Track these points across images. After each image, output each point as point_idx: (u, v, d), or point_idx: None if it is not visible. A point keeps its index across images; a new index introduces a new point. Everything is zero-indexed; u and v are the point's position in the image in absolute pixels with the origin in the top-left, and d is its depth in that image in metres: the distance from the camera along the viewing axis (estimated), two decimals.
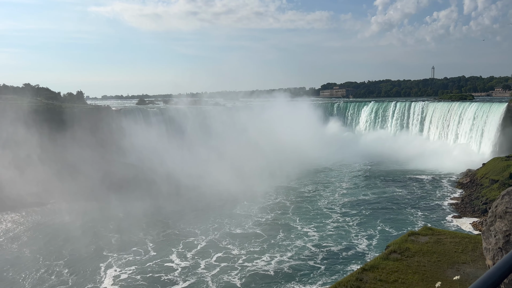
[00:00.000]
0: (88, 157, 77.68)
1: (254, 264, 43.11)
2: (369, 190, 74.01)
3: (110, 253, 47.32)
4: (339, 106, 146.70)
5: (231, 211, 61.75)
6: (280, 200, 68.12)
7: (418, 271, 21.60)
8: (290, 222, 56.33)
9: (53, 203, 66.69)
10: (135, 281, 40.38)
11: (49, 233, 53.95)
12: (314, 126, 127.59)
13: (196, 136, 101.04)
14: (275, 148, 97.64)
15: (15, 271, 42.79)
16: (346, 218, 57.84)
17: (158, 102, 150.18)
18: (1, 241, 51.18)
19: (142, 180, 74.86)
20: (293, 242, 49.04)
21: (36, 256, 46.76)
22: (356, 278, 20.80)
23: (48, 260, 45.60)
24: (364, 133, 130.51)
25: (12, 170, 68.55)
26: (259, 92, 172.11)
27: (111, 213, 61.77)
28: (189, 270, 42.10)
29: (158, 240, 51.04)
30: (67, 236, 52.61)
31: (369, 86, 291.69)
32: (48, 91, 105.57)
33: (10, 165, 69.54)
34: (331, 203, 65.81)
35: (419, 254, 23.58)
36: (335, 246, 47.67)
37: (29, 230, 54.95)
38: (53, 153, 74.71)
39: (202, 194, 69.23)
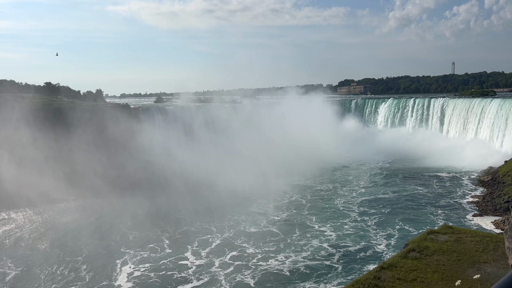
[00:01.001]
0: (106, 154, 78.78)
1: (268, 263, 42.51)
2: (388, 188, 72.58)
3: (127, 249, 47.57)
4: (356, 102, 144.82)
5: (246, 209, 61.35)
6: (296, 198, 67.29)
7: (437, 270, 21.25)
8: (306, 221, 55.47)
9: (73, 200, 67.75)
10: (148, 278, 40.32)
11: (69, 229, 54.53)
12: (331, 123, 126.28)
13: (212, 134, 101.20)
14: (291, 145, 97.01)
15: (34, 266, 43.26)
16: (364, 217, 56.62)
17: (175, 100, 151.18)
18: (21, 237, 52.13)
19: (159, 177, 75.33)
20: (309, 241, 48.17)
21: (56, 252, 47.38)
22: (374, 277, 20.58)
23: (68, 256, 46.11)
24: (382, 130, 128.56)
25: (31, 167, 70.00)
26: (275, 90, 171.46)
27: (129, 210, 62.13)
28: (203, 269, 41.81)
29: (174, 238, 51.14)
30: (86, 233, 53.11)
31: (388, 82, 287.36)
32: (68, 89, 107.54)
33: (30, 163, 71.04)
34: (349, 201, 64.64)
35: (438, 253, 23.19)
36: (352, 246, 46.62)
37: (49, 227, 55.70)
38: (71, 150, 75.92)
39: (219, 192, 68.95)
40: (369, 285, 19.71)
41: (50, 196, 67.41)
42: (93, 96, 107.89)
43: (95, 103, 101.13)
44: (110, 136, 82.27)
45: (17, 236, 52.22)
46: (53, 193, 68.24)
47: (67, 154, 74.79)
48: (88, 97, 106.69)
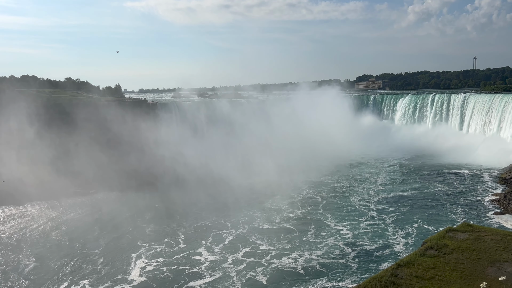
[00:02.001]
0: (123, 149, 79.43)
1: (281, 261, 41.83)
2: (407, 186, 70.80)
3: (143, 243, 47.70)
4: (375, 98, 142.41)
5: (262, 205, 60.77)
6: (311, 195, 66.18)
7: (456, 269, 20.75)
8: (322, 219, 54.39)
9: (92, 194, 68.56)
10: (161, 273, 40.23)
11: (87, 222, 55.04)
12: (348, 119, 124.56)
13: (228, 129, 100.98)
14: (307, 141, 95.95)
15: (53, 259, 43.72)
16: (382, 215, 55.18)
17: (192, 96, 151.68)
18: (41, 229, 52.74)
19: (176, 172, 75.66)
20: (324, 239, 47.15)
21: (74, 244, 47.88)
22: (391, 274, 20.18)
23: (85, 249, 46.54)
24: (401, 126, 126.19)
25: (51, 161, 71.09)
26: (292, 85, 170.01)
27: (147, 204, 62.58)
28: (216, 265, 41.45)
29: (190, 232, 51.06)
30: (104, 226, 53.56)
31: (407, 77, 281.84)
32: (88, 85, 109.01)
33: (49, 157, 72.10)
34: (366, 199, 63.18)
35: (457, 251, 22.66)
36: (369, 244, 45.42)
37: (68, 220, 56.30)
38: (90, 145, 76.71)
39: (234, 187, 68.69)
40: (385, 282, 19.41)
41: (70, 190, 68.36)
42: (112, 92, 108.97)
43: (114, 98, 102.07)
44: (127, 131, 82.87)
45: (37, 229, 52.96)
46: (72, 187, 69.18)
47: (85, 148, 75.60)
48: (107, 92, 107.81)
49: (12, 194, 61.94)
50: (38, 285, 38.38)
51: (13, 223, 54.77)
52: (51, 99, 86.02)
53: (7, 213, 58.73)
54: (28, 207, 61.09)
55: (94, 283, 38.38)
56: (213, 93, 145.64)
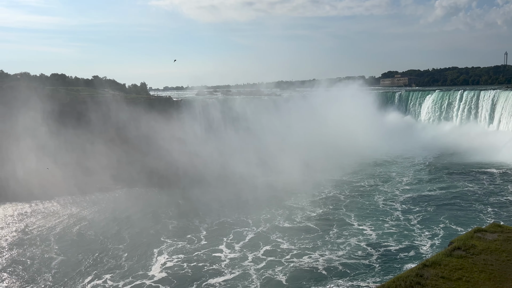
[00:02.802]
0: (148, 146, 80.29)
1: (301, 260, 40.99)
2: (434, 185, 68.28)
3: (166, 239, 47.92)
4: (400, 95, 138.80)
5: (283, 203, 59.94)
6: (334, 194, 64.70)
7: (484, 270, 19.91)
8: (344, 218, 53.02)
9: (119, 189, 69.52)
10: (181, 269, 40.18)
11: (114, 217, 55.76)
12: (372, 116, 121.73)
13: (251, 127, 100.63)
14: (331, 138, 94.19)
15: (79, 252, 44.42)
16: (408, 215, 53.26)
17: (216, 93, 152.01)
18: (69, 223, 53.77)
19: (198, 169, 75.90)
20: (347, 239, 45.85)
21: (100, 238, 48.57)
22: (416, 274, 19.50)
23: (111, 243, 47.12)
24: (427, 124, 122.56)
25: (79, 157, 72.63)
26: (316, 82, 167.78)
27: (171, 200, 62.89)
28: (236, 262, 41.05)
29: (211, 229, 50.92)
30: (130, 221, 54.20)
31: (434, 74, 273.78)
32: (114, 82, 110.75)
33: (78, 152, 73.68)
34: (391, 199, 61.18)
35: (486, 252, 21.75)
36: (393, 245, 43.86)
37: (96, 214, 57.16)
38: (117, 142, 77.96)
39: (257, 184, 68.30)
40: (411, 283, 18.82)
41: (98, 185, 69.63)
42: (137, 89, 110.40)
43: (139, 96, 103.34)
44: (151, 129, 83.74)
45: (64, 223, 54.01)
46: (101, 182, 70.40)
47: (109, 145, 76.78)
48: (133, 90, 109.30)
49: (39, 190, 63.27)
50: (63, 278, 39.00)
51: (40, 218, 56.03)
52: (78, 97, 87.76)
53: (34, 208, 60.09)
54: (54, 202, 62.39)
55: (116, 278, 38.67)
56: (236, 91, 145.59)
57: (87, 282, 38.10)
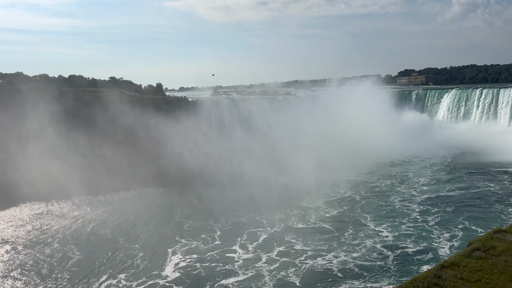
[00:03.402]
0: (164, 145, 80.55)
1: (316, 261, 40.20)
2: (453, 185, 66.42)
3: (181, 238, 47.81)
4: (417, 93, 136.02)
5: (298, 203, 59.16)
6: (349, 194, 63.51)
7: (505, 272, 19.18)
8: (360, 219, 51.89)
9: (134, 189, 69.87)
10: (194, 269, 39.98)
11: (130, 216, 55.97)
12: (388, 115, 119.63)
13: (266, 126, 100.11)
14: (346, 138, 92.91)
15: (96, 252, 44.65)
16: (425, 216, 51.79)
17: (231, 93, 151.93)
18: (86, 223, 54.11)
19: (214, 168, 75.90)
20: (363, 241, 44.80)
21: (116, 238, 48.73)
22: (434, 275, 18.91)
23: (127, 242, 47.21)
24: (445, 123, 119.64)
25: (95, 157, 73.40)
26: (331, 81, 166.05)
27: (186, 200, 62.88)
28: (249, 263, 40.56)
29: (226, 229, 50.58)
30: (146, 220, 54.33)
31: (452, 72, 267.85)
32: (131, 83, 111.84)
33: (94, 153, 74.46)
34: (408, 199, 59.67)
35: (506, 253, 20.94)
36: (411, 247, 42.68)
37: (111, 214, 57.46)
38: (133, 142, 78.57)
39: (272, 184, 67.70)
40: (428, 284, 18.29)
41: (112, 186, 70.15)
42: (154, 90, 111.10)
43: (155, 96, 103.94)
44: (167, 129, 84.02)
45: (81, 223, 54.44)
46: (115, 182, 70.93)
47: (126, 145, 77.34)
48: (149, 90, 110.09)
49: (56, 190, 64.04)
50: (79, 277, 39.20)
51: (56, 218, 56.56)
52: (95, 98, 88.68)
53: (50, 208, 60.69)
54: (70, 202, 62.85)
55: (130, 278, 38.64)
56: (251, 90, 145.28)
57: (102, 282, 38.19)
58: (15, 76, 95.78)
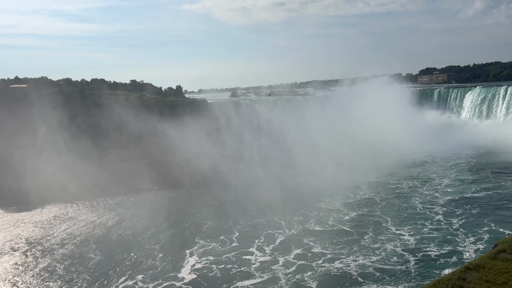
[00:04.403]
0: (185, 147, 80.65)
1: (333, 265, 39.12)
2: (478, 186, 63.76)
3: (200, 240, 47.63)
4: (439, 92, 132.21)
5: (317, 204, 57.94)
6: (369, 195, 61.77)
7: None
8: (380, 221, 50.26)
9: (156, 190, 70.27)
10: (210, 271, 39.64)
11: (151, 217, 56.27)
12: (410, 114, 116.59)
13: (285, 127, 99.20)
14: (365, 138, 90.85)
15: (117, 252, 44.96)
16: (450, 218, 49.76)
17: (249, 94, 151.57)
18: (108, 223, 54.57)
19: (234, 169, 75.55)
20: (383, 244, 43.27)
21: (137, 238, 48.95)
22: (458, 277, 18.30)
23: (147, 243, 47.34)
24: (468, 121, 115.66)
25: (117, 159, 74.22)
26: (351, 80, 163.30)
27: (206, 201, 62.83)
28: (266, 266, 39.89)
29: (244, 230, 50.03)
30: (166, 221, 54.53)
31: (475, 69, 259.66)
32: (151, 86, 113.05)
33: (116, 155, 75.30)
34: (430, 201, 57.51)
35: None
36: (433, 250, 41.00)
37: (133, 214, 57.84)
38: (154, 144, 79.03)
39: (291, 185, 67.07)
40: (452, 286, 17.80)
41: (136, 186, 70.83)
42: (173, 92, 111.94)
43: (176, 99, 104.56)
44: (187, 130, 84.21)
45: (104, 223, 54.98)
46: (136, 183, 71.55)
47: (147, 147, 77.89)
48: (169, 93, 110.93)
49: (79, 192, 64.90)
50: (99, 277, 39.41)
51: (82, 218, 57.35)
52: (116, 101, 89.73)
53: (75, 208, 61.65)
54: (94, 203, 63.60)
55: (147, 280, 38.55)
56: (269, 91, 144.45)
57: (120, 282, 38.23)
58: (40, 81, 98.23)
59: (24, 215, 59.13)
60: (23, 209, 61.36)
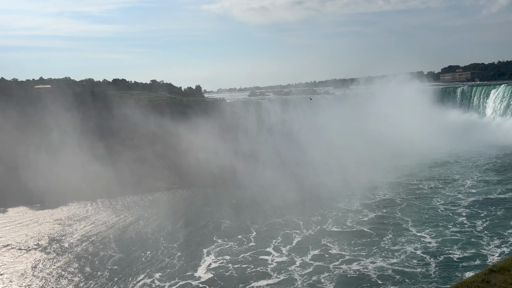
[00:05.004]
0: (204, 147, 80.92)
1: (351, 267, 38.18)
2: (503, 187, 61.26)
3: (218, 238, 47.51)
4: (462, 90, 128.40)
5: (336, 205, 56.92)
6: (389, 196, 60.21)
7: None
8: (401, 223, 48.83)
9: (176, 188, 70.66)
10: (226, 270, 39.40)
11: (170, 216, 56.51)
12: (432, 113, 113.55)
13: (304, 125, 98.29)
14: (385, 138, 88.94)
15: (136, 250, 45.16)
16: (473, 220, 47.89)
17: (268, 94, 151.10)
18: (128, 222, 55.29)
19: (253, 168, 75.35)
20: (403, 246, 41.98)
21: (156, 237, 49.19)
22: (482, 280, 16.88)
23: (166, 241, 47.52)
24: (493, 120, 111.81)
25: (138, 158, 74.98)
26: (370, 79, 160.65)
27: (225, 199, 62.71)
28: (282, 266, 39.30)
29: (261, 230, 49.59)
30: (185, 219, 54.73)
31: (500, 67, 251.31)
32: (171, 86, 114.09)
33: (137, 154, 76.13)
34: (453, 202, 55.54)
35: None
36: (456, 253, 39.50)
37: (153, 213, 58.22)
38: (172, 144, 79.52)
39: (309, 185, 66.18)
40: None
41: (155, 185, 71.37)
42: (193, 92, 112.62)
43: (195, 98, 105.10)
44: (205, 129, 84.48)
45: (123, 221, 55.55)
46: (156, 182, 72.09)
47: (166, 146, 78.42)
48: (188, 93, 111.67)
49: (100, 190, 65.73)
50: (118, 275, 39.70)
51: (101, 216, 58.10)
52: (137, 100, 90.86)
53: (94, 206, 62.48)
54: (114, 202, 64.37)
55: (163, 278, 38.57)
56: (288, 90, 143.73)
57: (138, 280, 38.39)
58: (64, 81, 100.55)
59: (47, 213, 60.45)
60: (47, 207, 62.71)
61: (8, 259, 44.67)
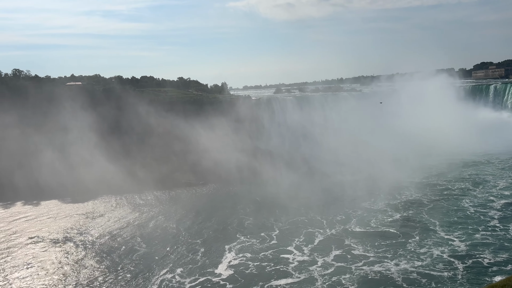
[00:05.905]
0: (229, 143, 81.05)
1: (373, 269, 37.03)
2: None
3: (241, 236, 47.35)
4: (496, 88, 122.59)
5: (361, 204, 55.53)
6: (416, 197, 58.15)
7: None
8: (428, 225, 47.04)
9: (202, 185, 70.94)
10: (247, 268, 39.11)
11: (195, 211, 57.00)
12: (462, 111, 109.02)
13: (330, 124, 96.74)
14: (413, 137, 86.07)
15: (161, 245, 45.67)
16: (507, 224, 45.53)
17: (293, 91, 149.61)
18: (154, 217, 55.88)
19: (278, 166, 74.86)
20: (429, 249, 40.36)
21: (181, 232, 49.56)
22: None
23: (190, 237, 47.79)
24: None
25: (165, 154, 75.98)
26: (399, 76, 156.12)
27: (250, 196, 62.64)
28: (303, 266, 38.71)
29: (284, 228, 49.04)
30: (210, 216, 54.90)
31: None
32: (197, 83, 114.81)
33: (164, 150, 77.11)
34: (483, 204, 53.07)
35: None
36: (486, 257, 37.66)
37: (178, 208, 58.83)
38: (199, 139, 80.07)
39: (334, 183, 65.27)
40: None
41: (182, 181, 72.05)
42: (219, 89, 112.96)
43: (221, 96, 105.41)
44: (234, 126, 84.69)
45: (149, 216, 56.27)
46: (182, 178, 72.78)
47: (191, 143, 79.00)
48: (214, 90, 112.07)
49: (130, 186, 66.88)
50: (142, 269, 40.15)
51: (128, 212, 58.99)
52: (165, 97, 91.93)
53: (119, 202, 63.38)
54: (143, 196, 65.30)
55: (184, 274, 38.70)
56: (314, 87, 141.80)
57: (160, 275, 38.70)
58: (94, 78, 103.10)
59: (77, 206, 62.05)
60: (78, 200, 64.36)
61: (37, 250, 46.03)
